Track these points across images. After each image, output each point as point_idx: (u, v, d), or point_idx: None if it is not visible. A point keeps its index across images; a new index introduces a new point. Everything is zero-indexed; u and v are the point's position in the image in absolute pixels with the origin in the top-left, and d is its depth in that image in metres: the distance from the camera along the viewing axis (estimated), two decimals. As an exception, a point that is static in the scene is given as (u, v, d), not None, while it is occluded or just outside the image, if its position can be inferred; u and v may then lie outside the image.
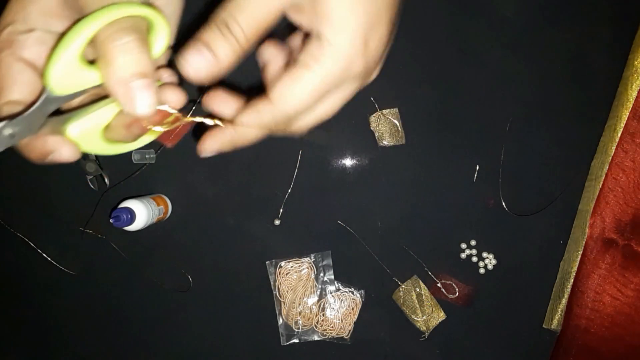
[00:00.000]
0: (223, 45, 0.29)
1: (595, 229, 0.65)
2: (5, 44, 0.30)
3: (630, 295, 0.64)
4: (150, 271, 0.73)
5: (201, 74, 0.29)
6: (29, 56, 0.30)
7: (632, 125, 0.63)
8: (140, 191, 0.71)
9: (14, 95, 0.30)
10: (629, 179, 0.63)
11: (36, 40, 0.30)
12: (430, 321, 0.71)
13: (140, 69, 0.28)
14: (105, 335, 0.75)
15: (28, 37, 0.30)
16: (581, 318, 0.66)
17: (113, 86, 0.28)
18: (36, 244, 0.73)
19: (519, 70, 0.69)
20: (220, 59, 0.29)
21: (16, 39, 0.30)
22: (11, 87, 0.30)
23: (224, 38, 0.29)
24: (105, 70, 0.28)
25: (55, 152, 0.31)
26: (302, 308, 0.72)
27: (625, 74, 0.65)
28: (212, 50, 0.29)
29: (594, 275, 0.65)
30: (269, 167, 0.71)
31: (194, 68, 0.29)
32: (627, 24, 0.66)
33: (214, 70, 0.30)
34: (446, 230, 0.71)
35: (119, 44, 0.27)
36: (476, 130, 0.69)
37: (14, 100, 0.30)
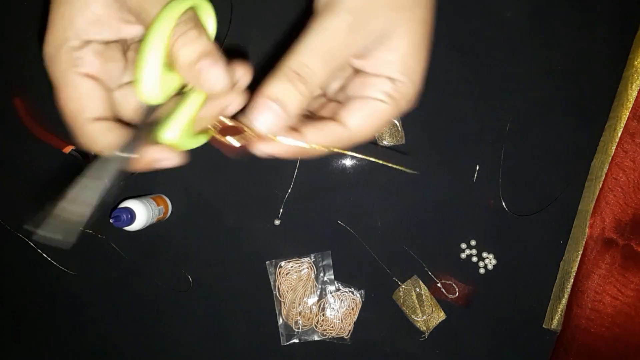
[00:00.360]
0: (293, 98, 0.29)
1: (595, 229, 0.65)
2: (68, 64, 0.30)
3: (630, 295, 0.64)
4: (150, 271, 0.73)
5: (271, 130, 0.30)
6: (92, 70, 0.31)
7: (632, 125, 0.63)
8: (140, 191, 0.71)
9: (94, 113, 0.31)
10: (629, 179, 0.63)
11: (94, 53, 0.31)
12: (430, 321, 0.71)
13: (202, 49, 0.29)
14: (105, 335, 0.75)
15: (87, 53, 0.30)
16: (581, 318, 0.66)
17: (186, 75, 0.29)
18: (36, 244, 0.73)
19: (519, 70, 0.68)
20: (291, 112, 0.30)
21: (76, 57, 0.30)
22: (89, 106, 0.30)
23: (294, 89, 0.29)
24: (177, 64, 0.29)
25: (161, 161, 0.32)
26: (302, 308, 0.72)
27: (625, 74, 0.65)
28: (282, 104, 0.29)
29: (594, 275, 0.65)
30: (269, 167, 0.71)
31: (264, 125, 0.29)
32: (627, 24, 0.66)
33: (285, 123, 0.30)
34: (446, 230, 0.71)
35: (180, 39, 0.28)
36: (476, 130, 0.69)
37: (96, 117, 0.31)
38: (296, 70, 0.29)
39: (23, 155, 0.73)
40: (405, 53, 0.31)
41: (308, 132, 0.31)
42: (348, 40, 0.29)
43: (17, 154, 0.73)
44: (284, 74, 0.29)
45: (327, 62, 0.29)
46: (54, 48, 0.30)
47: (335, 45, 0.29)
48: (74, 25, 0.30)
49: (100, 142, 0.31)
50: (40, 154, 0.72)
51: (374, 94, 0.32)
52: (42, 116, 0.71)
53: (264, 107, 0.29)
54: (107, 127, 0.31)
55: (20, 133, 0.71)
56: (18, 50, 0.71)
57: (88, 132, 0.31)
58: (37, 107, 0.71)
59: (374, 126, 0.32)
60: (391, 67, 0.31)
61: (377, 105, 0.32)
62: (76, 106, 0.30)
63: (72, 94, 0.30)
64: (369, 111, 0.32)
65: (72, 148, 0.71)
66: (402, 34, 0.30)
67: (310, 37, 0.29)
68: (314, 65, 0.29)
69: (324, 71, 0.29)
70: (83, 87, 0.30)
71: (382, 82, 0.31)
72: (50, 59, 0.31)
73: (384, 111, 0.32)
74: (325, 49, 0.29)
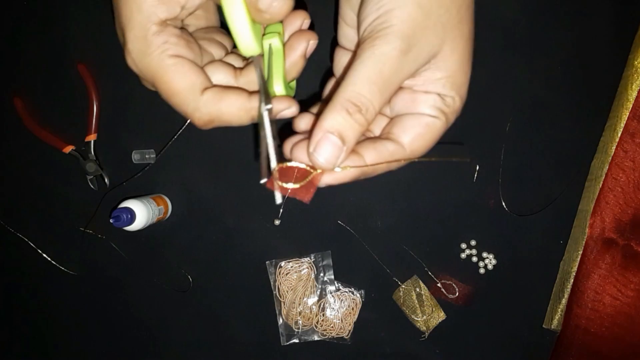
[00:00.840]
0: (352, 129, 0.30)
1: (595, 229, 0.65)
2: (159, 50, 0.31)
3: (630, 295, 0.64)
4: (150, 271, 0.73)
5: (332, 163, 0.30)
6: (181, 53, 0.32)
7: (632, 125, 0.63)
8: (140, 191, 0.71)
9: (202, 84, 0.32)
10: (629, 179, 0.63)
11: (176, 37, 0.32)
12: (430, 321, 0.71)
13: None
14: (106, 335, 0.75)
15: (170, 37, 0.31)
16: (581, 318, 0.66)
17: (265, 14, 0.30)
18: (36, 244, 0.73)
19: (519, 70, 0.68)
20: (350, 143, 0.30)
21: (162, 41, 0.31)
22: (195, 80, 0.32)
23: (353, 121, 0.29)
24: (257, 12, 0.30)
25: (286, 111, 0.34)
26: (302, 308, 0.72)
27: (625, 73, 0.65)
28: (341, 136, 0.29)
29: (594, 275, 0.65)
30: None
31: (325, 159, 0.30)
32: (627, 24, 0.66)
33: (344, 155, 0.30)
34: (446, 230, 0.71)
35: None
36: (476, 130, 0.69)
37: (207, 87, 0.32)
38: (353, 101, 0.29)
39: (23, 155, 0.73)
40: (454, 70, 0.32)
41: (366, 155, 0.33)
42: (401, 65, 0.29)
43: (17, 154, 0.73)
44: (341, 106, 0.29)
45: (383, 90, 0.29)
46: (140, 40, 0.31)
47: (389, 72, 0.29)
48: (143, 12, 0.30)
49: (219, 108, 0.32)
50: (40, 154, 0.72)
51: (425, 110, 0.33)
52: (42, 116, 0.71)
53: (324, 141, 0.29)
54: (218, 92, 0.32)
55: (20, 133, 0.71)
56: (18, 50, 0.71)
57: (206, 104, 0.32)
58: (37, 107, 0.71)
59: (428, 142, 0.34)
60: (440, 85, 0.32)
61: (429, 122, 0.33)
62: (187, 83, 0.31)
63: (178, 74, 0.31)
64: (422, 128, 0.33)
65: (72, 148, 0.71)
66: (449, 51, 0.31)
67: (362, 66, 0.29)
68: (370, 94, 0.29)
69: (381, 99, 0.30)
70: (185, 65, 0.31)
71: (433, 99, 0.32)
72: (137, 55, 0.31)
73: (437, 126, 0.33)
74: (380, 77, 0.29)
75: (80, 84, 0.69)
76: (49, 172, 0.73)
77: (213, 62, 0.35)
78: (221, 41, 0.37)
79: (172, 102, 0.32)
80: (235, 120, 0.33)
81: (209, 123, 0.33)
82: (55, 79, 0.71)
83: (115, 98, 0.71)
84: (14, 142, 0.72)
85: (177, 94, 0.31)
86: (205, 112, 0.32)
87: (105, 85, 0.70)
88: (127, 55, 0.31)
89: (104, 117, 0.71)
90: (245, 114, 0.33)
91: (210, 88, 0.32)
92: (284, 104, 0.33)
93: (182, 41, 0.32)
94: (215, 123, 0.33)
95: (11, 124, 0.71)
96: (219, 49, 0.36)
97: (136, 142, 0.71)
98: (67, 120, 0.71)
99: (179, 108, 0.32)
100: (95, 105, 0.70)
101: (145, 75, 0.32)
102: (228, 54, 0.37)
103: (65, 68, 0.70)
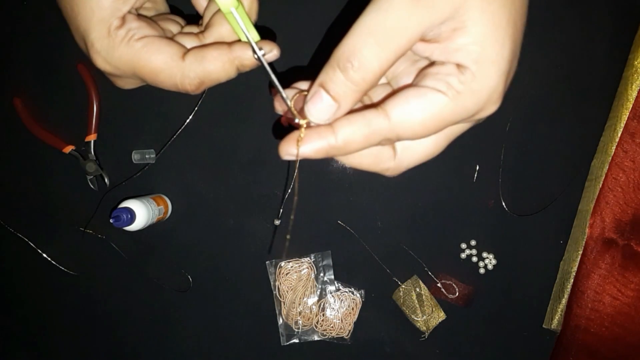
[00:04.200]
0: (346, 88, 0.26)
1: (595, 229, 0.65)
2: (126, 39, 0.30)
3: (630, 295, 0.64)
4: (150, 271, 0.73)
5: (323, 120, 0.27)
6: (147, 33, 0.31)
7: (632, 125, 0.63)
8: (140, 191, 0.71)
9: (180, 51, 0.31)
10: (629, 179, 0.63)
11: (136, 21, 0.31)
12: (430, 321, 0.71)
13: None
14: (105, 335, 0.75)
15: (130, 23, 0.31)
16: (581, 318, 0.66)
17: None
18: (36, 244, 0.73)
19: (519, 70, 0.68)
20: (343, 104, 0.27)
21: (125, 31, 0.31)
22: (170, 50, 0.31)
23: (346, 79, 0.26)
24: None
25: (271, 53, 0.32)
26: (302, 308, 0.72)
27: (625, 74, 0.65)
28: (333, 94, 0.26)
29: (594, 275, 0.65)
30: (269, 167, 0.71)
31: (314, 116, 0.27)
32: (627, 24, 0.66)
33: (337, 114, 0.27)
34: (446, 230, 0.71)
35: None
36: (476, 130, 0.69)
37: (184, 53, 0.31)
38: (348, 56, 0.25)
39: (23, 155, 0.73)
40: (483, 36, 0.25)
41: (339, 127, 0.27)
42: (410, 17, 0.24)
43: (17, 154, 0.73)
44: (336, 61, 0.26)
45: (384, 45, 0.24)
46: (102, 37, 0.30)
47: (394, 25, 0.24)
48: (104, 10, 0.30)
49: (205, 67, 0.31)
50: (40, 154, 0.72)
51: (431, 83, 0.26)
52: (42, 116, 0.71)
53: (316, 96, 0.27)
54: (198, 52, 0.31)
55: (20, 133, 0.71)
56: (18, 50, 0.71)
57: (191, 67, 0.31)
58: (37, 107, 0.71)
59: (425, 124, 0.26)
60: (462, 53, 0.25)
61: (431, 97, 0.26)
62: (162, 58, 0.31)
63: (151, 54, 0.31)
64: (419, 102, 0.26)
65: (72, 148, 0.71)
66: (478, 9, 0.24)
67: (365, 16, 0.25)
68: (368, 50, 0.25)
69: (381, 55, 0.25)
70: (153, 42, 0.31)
71: (447, 70, 0.26)
72: (106, 52, 0.31)
73: (441, 106, 0.26)
74: (382, 29, 0.24)
75: (80, 84, 0.69)
76: (49, 172, 0.73)
77: (175, 36, 0.35)
78: (174, 19, 0.37)
79: (159, 81, 0.31)
80: (222, 74, 0.32)
81: (201, 85, 0.32)
82: (55, 79, 0.71)
83: (115, 98, 0.71)
84: (14, 142, 0.72)
85: (160, 71, 0.31)
86: (193, 76, 0.31)
87: (105, 85, 0.70)
88: (96, 56, 0.31)
89: (104, 117, 0.71)
90: (231, 66, 0.32)
91: (189, 51, 0.31)
92: (269, 45, 0.31)
93: (144, 23, 0.32)
94: (206, 84, 0.32)
95: (11, 124, 0.71)
96: (174, 26, 0.36)
97: (136, 142, 0.71)
98: (67, 120, 0.71)
99: (168, 83, 0.31)
100: (95, 105, 0.70)
101: (122, 68, 0.31)
102: (184, 28, 0.37)
103: (65, 68, 0.70)
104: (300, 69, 0.69)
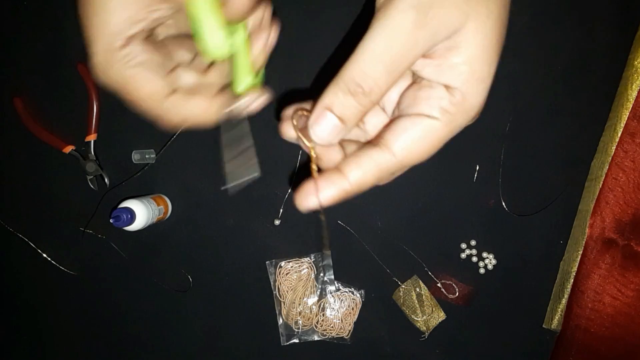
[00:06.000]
0: (354, 110, 0.27)
1: (595, 229, 0.65)
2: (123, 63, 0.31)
3: (630, 295, 0.64)
4: (150, 271, 0.73)
5: (328, 142, 0.28)
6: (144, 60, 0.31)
7: (632, 125, 0.63)
8: (140, 191, 0.71)
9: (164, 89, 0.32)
10: (629, 179, 0.63)
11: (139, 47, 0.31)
12: (430, 321, 0.71)
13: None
14: (105, 335, 0.75)
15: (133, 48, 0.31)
16: (581, 318, 0.66)
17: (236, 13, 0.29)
18: (36, 244, 0.73)
19: (519, 70, 0.68)
20: (349, 125, 0.28)
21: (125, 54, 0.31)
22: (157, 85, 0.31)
23: (355, 102, 0.27)
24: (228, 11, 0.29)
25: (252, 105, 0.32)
26: (302, 308, 0.72)
27: (625, 74, 0.65)
28: (341, 116, 0.27)
29: (594, 275, 0.65)
30: (269, 167, 0.71)
31: (320, 137, 0.28)
32: (627, 24, 0.66)
33: (342, 135, 0.28)
34: (446, 230, 0.71)
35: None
36: (476, 130, 0.69)
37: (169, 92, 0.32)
38: (357, 81, 0.26)
39: (23, 155, 0.73)
40: (473, 57, 0.26)
41: (349, 171, 0.28)
42: (413, 40, 0.25)
43: (17, 154, 0.73)
44: (345, 84, 0.26)
45: (391, 70, 0.26)
46: (102, 54, 0.31)
47: (399, 48, 0.25)
48: (113, 27, 0.30)
49: (187, 109, 0.32)
50: (40, 154, 0.72)
51: (425, 109, 0.28)
52: (42, 116, 0.71)
53: (322, 118, 0.27)
54: (183, 95, 0.32)
55: (20, 133, 0.71)
56: (18, 50, 0.71)
57: (173, 107, 0.31)
58: (37, 107, 0.71)
59: (424, 150, 0.28)
60: (452, 72, 0.27)
61: (428, 125, 0.27)
62: (148, 90, 0.31)
63: (139, 84, 0.31)
64: (418, 132, 0.27)
65: (72, 148, 0.71)
66: (473, 30, 0.26)
67: (371, 40, 0.26)
68: (376, 74, 0.26)
69: (388, 79, 0.26)
70: (146, 73, 0.31)
71: (438, 94, 0.27)
72: (103, 67, 0.31)
73: (438, 131, 0.27)
74: (389, 55, 0.25)
75: (80, 84, 0.69)
76: (49, 172, 0.73)
77: (181, 65, 0.35)
78: (189, 45, 0.37)
79: (141, 109, 0.32)
80: (201, 121, 0.33)
81: (179, 125, 0.33)
82: (55, 79, 0.71)
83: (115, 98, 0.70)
84: (14, 142, 0.72)
85: (143, 101, 0.32)
86: (172, 115, 0.32)
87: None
88: (94, 67, 0.31)
89: (104, 117, 0.71)
90: (210, 116, 0.33)
91: (176, 92, 0.32)
92: (251, 98, 0.33)
93: (147, 49, 0.32)
94: (185, 124, 0.33)
95: (11, 124, 0.71)
96: (187, 53, 0.37)
97: (136, 142, 0.71)
98: (67, 120, 0.71)
99: (148, 113, 0.32)
100: (95, 105, 0.70)
101: (113, 86, 0.32)
102: (197, 56, 0.37)
103: (65, 68, 0.70)
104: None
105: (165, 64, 0.33)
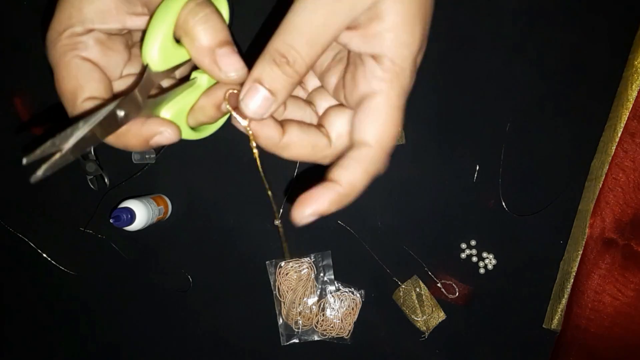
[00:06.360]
0: (281, 81, 0.28)
1: (595, 229, 0.65)
2: (68, 47, 0.30)
3: (630, 295, 0.64)
4: (150, 271, 0.73)
5: (260, 114, 0.29)
6: (92, 56, 0.31)
7: (632, 125, 0.63)
8: (140, 191, 0.71)
9: (92, 92, 0.31)
10: (629, 179, 0.63)
11: (96, 41, 0.31)
12: (430, 321, 0.71)
13: (222, 37, 0.28)
14: (105, 335, 0.75)
15: (88, 39, 0.31)
16: (581, 318, 0.66)
17: (200, 57, 0.29)
18: (36, 244, 0.73)
19: (519, 70, 0.68)
20: (279, 96, 0.28)
21: (78, 41, 0.30)
22: (86, 85, 0.30)
23: (281, 73, 0.28)
24: (191, 43, 0.29)
25: (158, 135, 0.30)
26: (302, 308, 0.72)
27: (625, 74, 0.65)
28: (270, 88, 0.28)
29: (594, 275, 0.65)
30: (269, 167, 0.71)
31: (252, 110, 0.28)
32: (627, 24, 0.66)
33: (274, 107, 0.29)
34: (446, 230, 0.71)
35: (198, 17, 0.28)
36: (476, 130, 0.69)
37: (92, 97, 0.31)
38: (282, 51, 0.27)
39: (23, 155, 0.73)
40: (396, 23, 0.27)
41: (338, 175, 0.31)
42: (331, 10, 0.27)
43: (17, 154, 0.73)
44: (270, 56, 0.27)
45: (313, 42, 0.27)
46: (57, 32, 0.30)
47: (320, 21, 0.27)
48: (81, 14, 0.30)
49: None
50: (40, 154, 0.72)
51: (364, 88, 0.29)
52: (42, 116, 0.71)
53: (252, 91, 0.28)
54: (95, 103, 0.31)
55: (20, 133, 0.71)
56: (18, 50, 0.71)
57: (81, 110, 0.30)
58: (37, 107, 0.71)
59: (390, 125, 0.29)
60: (377, 39, 0.28)
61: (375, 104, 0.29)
62: (73, 85, 0.30)
63: (69, 74, 0.30)
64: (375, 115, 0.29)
65: (72, 148, 0.71)
66: (393, 1, 0.27)
67: (292, 13, 0.27)
68: (300, 47, 0.27)
69: (311, 51, 0.27)
70: (81, 68, 0.31)
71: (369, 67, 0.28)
72: (51, 42, 0.31)
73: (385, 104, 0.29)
74: (310, 27, 0.27)
75: (80, 84, 0.69)
76: (49, 172, 0.73)
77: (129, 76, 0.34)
78: None
79: (60, 99, 0.32)
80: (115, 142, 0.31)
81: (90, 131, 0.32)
82: (55, 79, 0.71)
83: (115, 98, 0.71)
84: (14, 142, 0.72)
85: (62, 94, 0.31)
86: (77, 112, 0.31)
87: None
88: (47, 34, 0.31)
89: (104, 117, 0.71)
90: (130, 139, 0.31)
91: (91, 99, 0.31)
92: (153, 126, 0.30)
93: (101, 48, 0.31)
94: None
95: (11, 124, 0.71)
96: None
97: (136, 142, 0.71)
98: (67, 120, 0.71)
99: (64, 104, 0.31)
100: (95, 105, 0.69)
101: (50, 61, 0.31)
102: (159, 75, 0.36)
103: (65, 68, 0.70)
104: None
105: (117, 68, 0.32)
